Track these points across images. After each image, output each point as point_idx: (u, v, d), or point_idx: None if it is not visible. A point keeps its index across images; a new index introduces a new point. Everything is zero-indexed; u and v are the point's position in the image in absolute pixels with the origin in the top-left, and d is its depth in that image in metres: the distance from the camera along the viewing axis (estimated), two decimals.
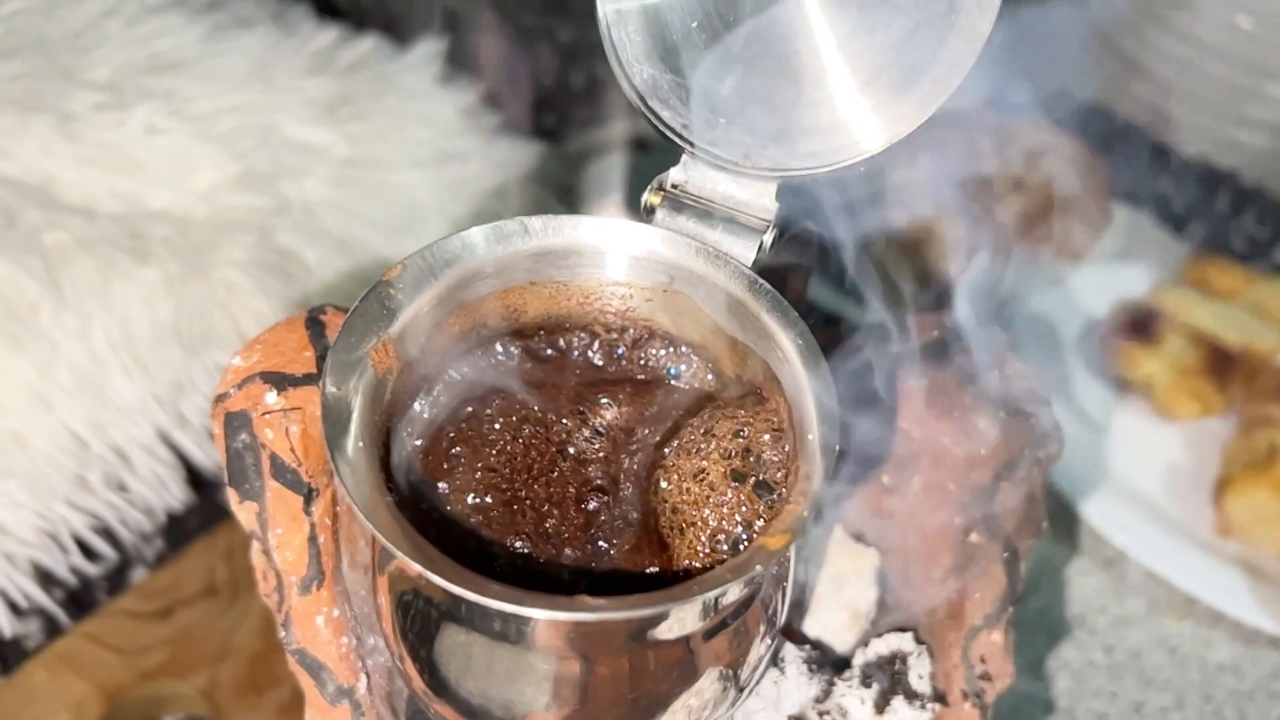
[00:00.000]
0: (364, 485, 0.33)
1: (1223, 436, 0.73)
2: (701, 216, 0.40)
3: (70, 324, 0.62)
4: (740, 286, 0.39)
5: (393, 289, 0.37)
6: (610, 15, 0.39)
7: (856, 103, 0.38)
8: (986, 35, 0.36)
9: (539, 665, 0.36)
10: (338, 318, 0.44)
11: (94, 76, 0.69)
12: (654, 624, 0.34)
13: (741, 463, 0.38)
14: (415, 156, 0.76)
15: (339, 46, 0.78)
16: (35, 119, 0.66)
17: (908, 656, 0.46)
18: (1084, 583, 0.68)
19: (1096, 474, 0.70)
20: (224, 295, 0.66)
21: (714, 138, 0.40)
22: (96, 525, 0.63)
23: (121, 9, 0.72)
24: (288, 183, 0.70)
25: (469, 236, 0.38)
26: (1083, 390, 0.76)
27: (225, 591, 0.64)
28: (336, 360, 0.35)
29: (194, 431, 0.66)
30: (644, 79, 0.40)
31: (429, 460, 0.38)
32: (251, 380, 0.41)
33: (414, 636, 0.38)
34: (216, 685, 0.60)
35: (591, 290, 0.41)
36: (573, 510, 0.39)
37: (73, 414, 0.61)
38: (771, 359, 0.38)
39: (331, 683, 0.42)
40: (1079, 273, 0.81)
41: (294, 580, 0.41)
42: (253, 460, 0.41)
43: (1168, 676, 0.63)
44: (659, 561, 0.38)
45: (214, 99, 0.70)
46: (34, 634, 0.61)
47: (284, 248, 0.69)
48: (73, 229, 0.63)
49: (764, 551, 0.33)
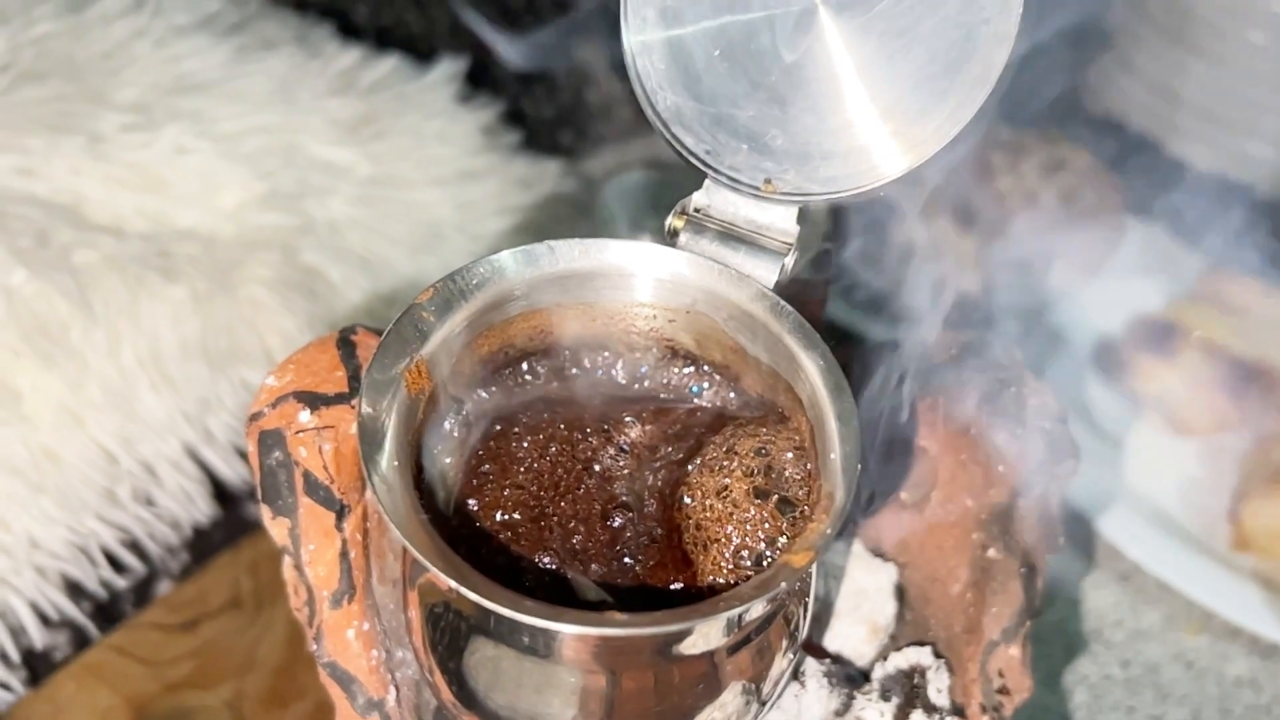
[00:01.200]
0: (400, 503, 0.34)
1: (1239, 450, 0.73)
2: (724, 239, 0.41)
3: (100, 341, 0.63)
4: (762, 308, 0.40)
5: (424, 311, 0.38)
6: (635, 46, 0.41)
7: (876, 129, 0.39)
8: (1003, 65, 0.37)
9: (567, 679, 0.37)
10: (368, 338, 0.45)
11: (123, 98, 0.70)
12: (681, 639, 0.35)
13: (764, 480, 0.39)
14: (436, 175, 0.77)
15: (361, 67, 0.79)
16: (66, 140, 0.67)
17: (926, 670, 0.47)
18: (1100, 596, 0.68)
19: (1112, 488, 0.70)
20: (250, 312, 0.67)
21: (735, 163, 0.41)
22: (125, 539, 0.64)
23: (149, 31, 0.73)
24: (312, 202, 0.72)
25: (498, 260, 0.39)
26: (1098, 404, 0.76)
27: (249, 604, 0.65)
28: (371, 381, 0.36)
29: (220, 447, 0.67)
30: (667, 106, 0.41)
31: (459, 478, 0.39)
32: (285, 399, 0.42)
33: (444, 649, 0.39)
34: (241, 697, 0.61)
35: (616, 311, 0.42)
36: (598, 526, 0.40)
37: (103, 429, 0.62)
38: (793, 379, 0.39)
39: (362, 695, 0.42)
40: (1093, 287, 0.82)
41: (326, 595, 0.42)
42: (286, 477, 0.42)
43: (1185, 691, 0.64)
44: (683, 577, 0.38)
45: (240, 119, 0.72)
46: (62, 646, 0.62)
47: (309, 266, 0.70)
48: (102, 248, 0.65)
49: (789, 568, 0.33)
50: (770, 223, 0.41)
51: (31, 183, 0.66)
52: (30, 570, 0.60)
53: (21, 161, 0.66)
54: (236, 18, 0.79)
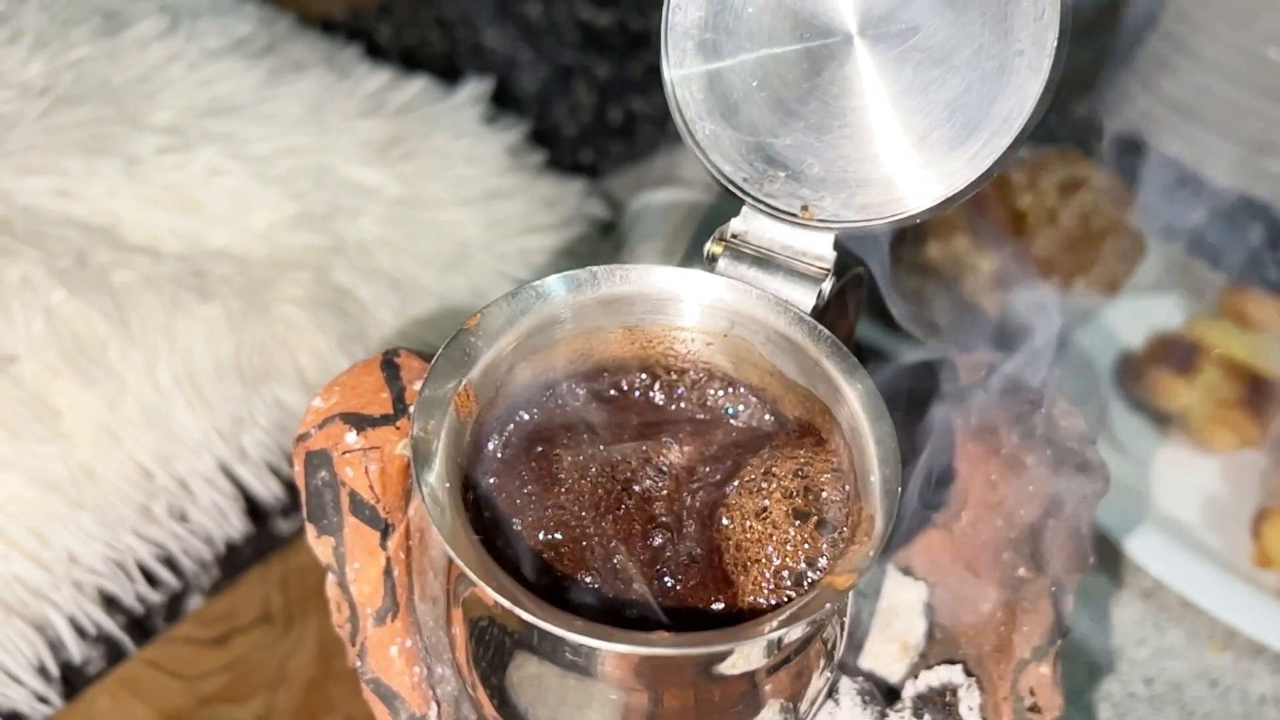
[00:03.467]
0: (452, 523, 0.35)
1: (1261, 467, 0.74)
2: (762, 265, 0.42)
3: (138, 360, 0.64)
4: (800, 333, 0.40)
5: (472, 336, 0.39)
6: (676, 78, 0.42)
7: (910, 158, 0.40)
8: (1038, 95, 0.38)
9: (609, 696, 0.38)
10: (411, 360, 0.46)
11: (158, 120, 0.72)
12: (723, 658, 0.36)
13: (803, 501, 0.39)
14: (463, 195, 0.78)
15: (390, 88, 0.81)
16: (102, 162, 0.69)
17: (958, 688, 0.47)
18: (1123, 614, 0.68)
19: (1135, 505, 0.71)
20: (283, 331, 0.68)
21: (773, 191, 0.42)
22: (160, 554, 0.65)
23: (183, 55, 0.75)
24: (343, 222, 0.73)
25: (544, 286, 0.40)
26: (1119, 422, 0.77)
27: (280, 619, 0.66)
28: (423, 403, 0.37)
29: (253, 464, 0.68)
30: (706, 135, 0.42)
31: (503, 498, 0.40)
32: (331, 420, 0.43)
33: (486, 665, 0.40)
34: (273, 711, 0.61)
35: (655, 335, 0.43)
36: (639, 546, 0.40)
37: (140, 447, 0.63)
38: (831, 402, 0.40)
39: (404, 711, 0.43)
40: (1114, 305, 0.82)
41: (370, 612, 0.43)
42: (332, 497, 0.43)
43: (1209, 709, 0.64)
44: (724, 597, 0.39)
45: (271, 141, 0.73)
46: (96, 660, 0.62)
47: (340, 285, 0.71)
48: (139, 268, 0.66)
49: (832, 590, 0.34)
50: (807, 249, 0.42)
51: (70, 204, 0.67)
52: (68, 585, 0.61)
53: (60, 183, 0.67)
54: (267, 40, 0.80)
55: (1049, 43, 0.37)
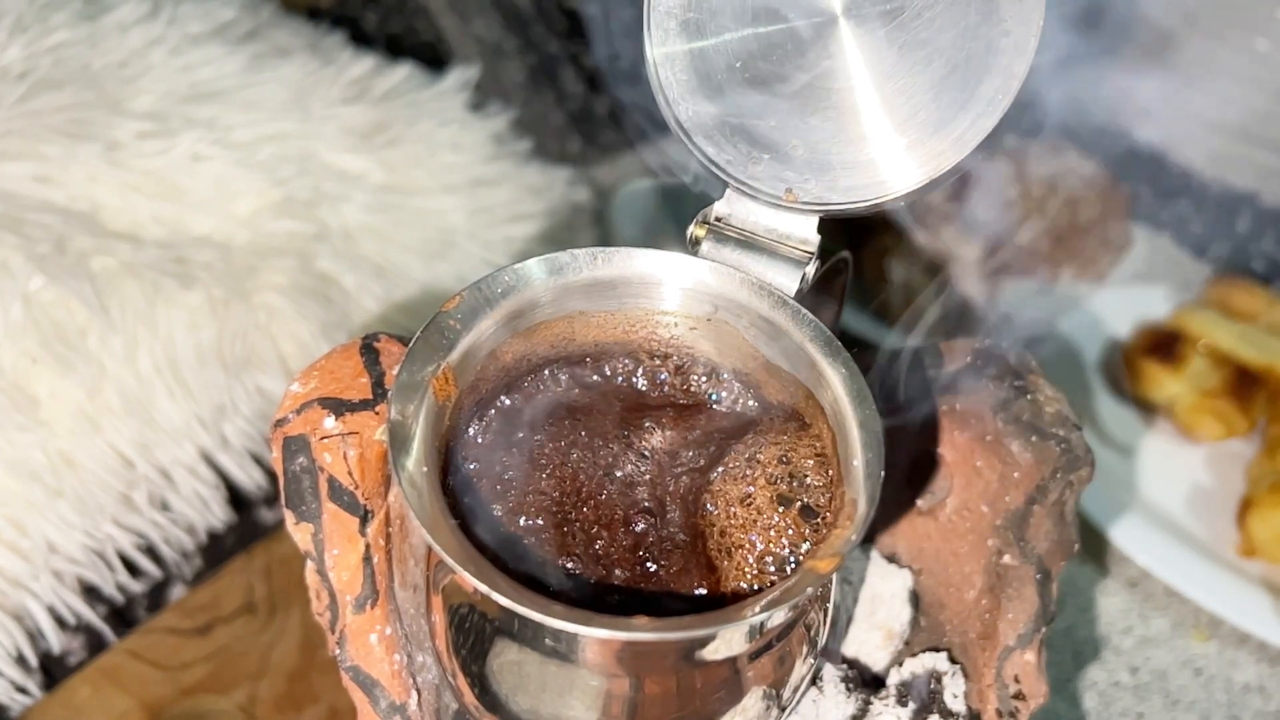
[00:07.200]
0: (429, 508, 0.34)
1: (1246, 457, 0.74)
2: (745, 248, 0.41)
3: (118, 347, 0.63)
4: (784, 316, 0.40)
5: (451, 319, 0.38)
6: (658, 57, 0.41)
7: (894, 140, 0.40)
8: (1023, 77, 0.37)
9: (590, 682, 0.37)
10: (390, 345, 0.45)
11: (138, 106, 0.71)
12: (705, 644, 0.36)
13: (787, 487, 0.39)
14: (448, 182, 0.78)
15: (374, 75, 0.80)
16: (83, 148, 0.68)
17: (943, 676, 0.47)
18: (1109, 603, 0.69)
19: (1120, 495, 0.71)
20: (265, 319, 0.67)
21: (756, 173, 0.41)
22: (141, 544, 0.65)
23: (165, 39, 0.74)
24: (326, 209, 0.72)
25: (524, 268, 0.40)
26: (1106, 412, 0.77)
27: (263, 609, 0.65)
28: (400, 387, 0.36)
29: (235, 452, 0.68)
30: (689, 116, 0.42)
31: (483, 484, 0.39)
32: (310, 406, 0.42)
33: (467, 653, 0.39)
34: (256, 701, 0.61)
35: (638, 319, 0.43)
36: (621, 532, 0.40)
37: (120, 435, 0.63)
38: (814, 386, 0.39)
39: (384, 699, 0.43)
40: (1100, 295, 0.82)
41: (349, 599, 0.43)
42: (310, 483, 0.42)
43: (1194, 697, 0.64)
44: (707, 583, 0.39)
45: (254, 127, 0.72)
46: (78, 650, 0.62)
47: (323, 272, 0.70)
48: (119, 254, 0.65)
49: (814, 574, 0.34)
50: (791, 232, 0.42)
51: (49, 190, 0.66)
52: (48, 575, 0.60)
53: (39, 169, 0.66)
54: (250, 26, 0.79)
55: (1035, 22, 0.37)
